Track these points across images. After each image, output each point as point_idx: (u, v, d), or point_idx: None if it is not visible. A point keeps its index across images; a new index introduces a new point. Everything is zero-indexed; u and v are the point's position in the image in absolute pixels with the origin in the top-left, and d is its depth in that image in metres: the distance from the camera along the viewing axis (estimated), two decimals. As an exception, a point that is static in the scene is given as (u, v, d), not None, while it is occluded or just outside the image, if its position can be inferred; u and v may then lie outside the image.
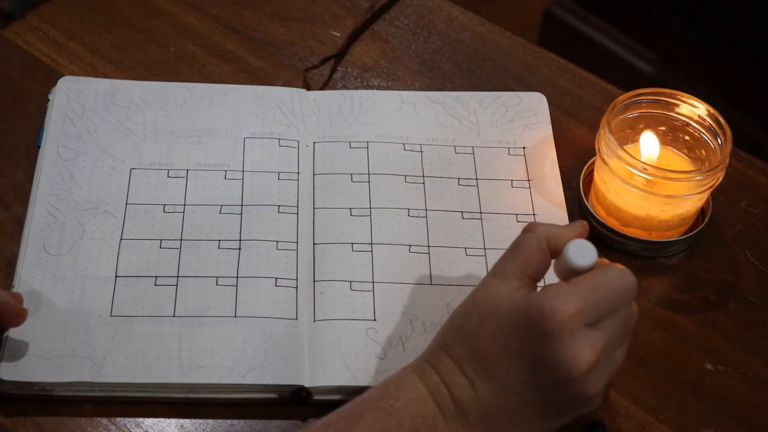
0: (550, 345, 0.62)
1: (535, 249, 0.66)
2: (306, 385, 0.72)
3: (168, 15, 0.98)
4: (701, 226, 0.84)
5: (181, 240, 0.80)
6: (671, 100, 0.84)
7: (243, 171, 0.85)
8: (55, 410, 0.72)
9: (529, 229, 0.68)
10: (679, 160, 0.84)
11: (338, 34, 0.97)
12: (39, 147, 0.85)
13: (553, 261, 0.68)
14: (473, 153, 0.88)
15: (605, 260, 0.67)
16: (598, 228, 0.83)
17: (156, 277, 0.78)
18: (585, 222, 0.69)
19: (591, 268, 0.65)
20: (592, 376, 0.63)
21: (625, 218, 0.82)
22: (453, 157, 0.87)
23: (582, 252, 0.65)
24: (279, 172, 0.85)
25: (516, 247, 0.67)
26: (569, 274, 0.66)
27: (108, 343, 0.74)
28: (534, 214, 0.84)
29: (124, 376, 0.72)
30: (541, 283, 0.68)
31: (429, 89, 0.93)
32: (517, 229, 0.82)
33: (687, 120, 0.84)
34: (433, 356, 0.66)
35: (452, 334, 0.66)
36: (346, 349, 0.74)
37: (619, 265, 0.66)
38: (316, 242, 0.81)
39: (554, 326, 0.62)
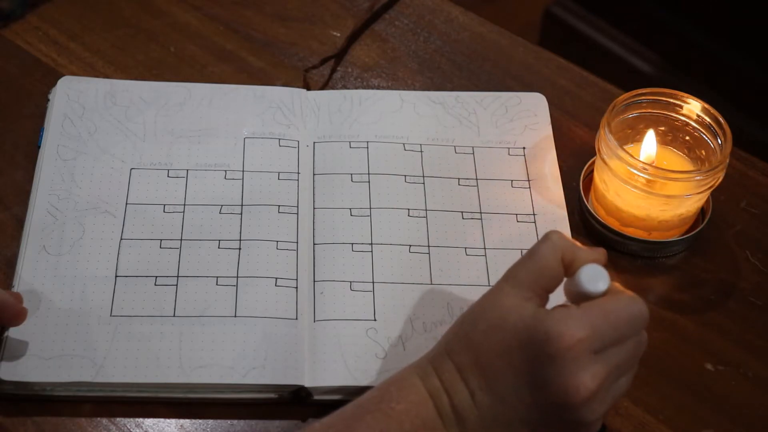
0: (552, 369, 0.61)
1: (551, 260, 0.65)
2: (306, 385, 0.72)
3: (168, 15, 0.98)
4: (701, 226, 0.84)
5: (181, 240, 0.80)
6: (671, 100, 0.84)
7: (243, 171, 0.85)
8: (55, 410, 0.72)
9: (549, 238, 0.66)
10: (679, 160, 0.84)
11: (338, 34, 0.97)
12: (39, 147, 0.85)
13: (564, 280, 0.67)
14: (473, 153, 0.88)
15: (618, 285, 0.66)
16: (598, 228, 0.83)
17: (156, 277, 0.78)
18: (605, 250, 0.67)
19: (602, 296, 0.64)
20: (592, 403, 0.62)
21: (625, 218, 0.82)
22: (453, 157, 0.87)
23: (595, 278, 0.64)
24: (279, 172, 0.85)
25: (532, 255, 0.65)
26: (579, 297, 0.65)
27: (108, 343, 0.74)
28: (534, 214, 0.84)
29: (124, 376, 0.72)
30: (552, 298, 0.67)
31: (429, 89, 0.93)
32: (516, 229, 0.82)
33: (687, 120, 0.84)
34: (437, 359, 0.65)
35: (458, 340, 0.65)
36: (346, 349, 0.74)
37: (631, 293, 0.65)
38: (316, 242, 0.81)
39: (559, 351, 0.61)
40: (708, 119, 0.82)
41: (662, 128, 0.84)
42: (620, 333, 0.63)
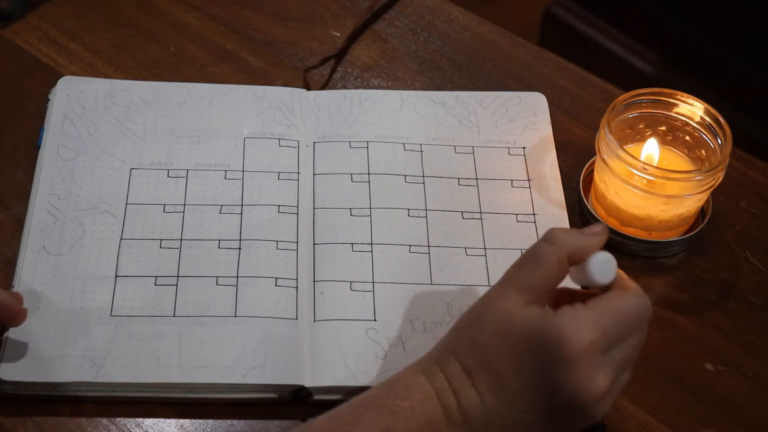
0: (566, 371, 0.61)
1: (555, 263, 0.65)
2: (306, 385, 0.72)
3: (168, 15, 0.98)
4: (701, 226, 0.84)
5: (181, 240, 0.80)
6: (671, 100, 0.84)
7: (243, 171, 0.85)
8: (55, 410, 0.72)
9: (551, 240, 0.65)
10: (679, 160, 0.84)
11: (338, 34, 0.98)
12: (39, 147, 0.85)
13: (571, 267, 0.66)
14: (473, 153, 0.88)
15: (622, 273, 0.66)
16: (598, 228, 0.83)
17: (156, 277, 0.78)
18: (605, 225, 0.68)
19: (610, 283, 0.65)
20: (602, 400, 0.63)
21: (625, 218, 0.82)
22: (453, 157, 0.87)
23: (604, 269, 0.65)
24: (279, 172, 0.85)
25: (535, 258, 0.65)
26: (587, 284, 0.66)
27: (108, 343, 0.74)
28: (534, 214, 0.84)
29: (124, 376, 0.72)
30: None
31: (429, 89, 0.93)
32: (516, 229, 0.82)
33: (687, 120, 0.84)
34: (443, 360, 0.65)
35: (463, 342, 0.65)
36: (346, 349, 0.74)
37: (636, 286, 0.65)
38: (316, 242, 0.81)
39: (572, 353, 0.61)
40: (708, 119, 0.82)
41: (662, 128, 0.84)
42: (627, 330, 0.64)
